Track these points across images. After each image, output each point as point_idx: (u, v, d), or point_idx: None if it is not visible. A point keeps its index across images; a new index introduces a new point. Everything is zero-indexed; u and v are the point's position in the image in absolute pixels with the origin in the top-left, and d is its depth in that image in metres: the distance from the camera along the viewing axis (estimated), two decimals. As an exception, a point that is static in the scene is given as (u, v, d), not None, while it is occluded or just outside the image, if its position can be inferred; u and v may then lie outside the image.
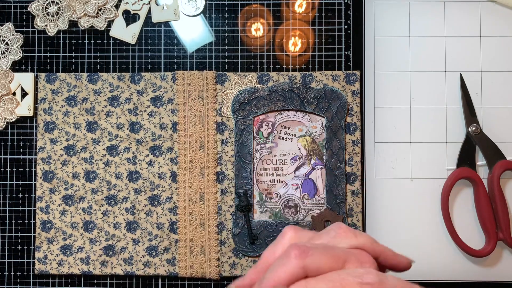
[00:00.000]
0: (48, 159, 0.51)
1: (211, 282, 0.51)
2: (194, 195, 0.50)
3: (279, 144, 0.51)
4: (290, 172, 0.50)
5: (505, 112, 0.51)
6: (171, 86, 0.51)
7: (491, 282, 0.50)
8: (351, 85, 0.50)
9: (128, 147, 0.51)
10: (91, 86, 0.52)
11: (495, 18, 0.52)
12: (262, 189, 0.50)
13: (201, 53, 0.52)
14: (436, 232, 0.50)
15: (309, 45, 0.52)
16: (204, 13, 0.53)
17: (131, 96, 0.51)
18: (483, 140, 0.50)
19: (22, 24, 0.53)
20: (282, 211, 0.50)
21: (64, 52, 0.53)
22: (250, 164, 0.50)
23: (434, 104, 0.51)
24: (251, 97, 0.50)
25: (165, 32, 0.53)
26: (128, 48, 0.53)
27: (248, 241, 0.49)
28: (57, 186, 0.51)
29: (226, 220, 0.50)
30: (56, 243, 0.51)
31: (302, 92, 0.50)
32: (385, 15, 0.52)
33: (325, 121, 0.50)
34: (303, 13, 0.52)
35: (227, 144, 0.51)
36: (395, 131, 0.51)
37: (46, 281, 0.51)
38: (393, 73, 0.52)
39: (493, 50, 0.51)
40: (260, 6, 0.53)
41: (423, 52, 0.51)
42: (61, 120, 0.51)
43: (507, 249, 0.50)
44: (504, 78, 0.51)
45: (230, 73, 0.51)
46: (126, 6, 0.52)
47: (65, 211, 0.51)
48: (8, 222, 0.52)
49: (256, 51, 0.52)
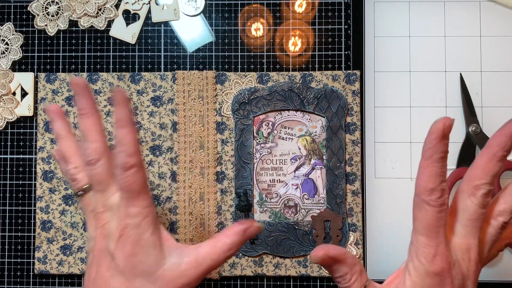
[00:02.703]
0: (48, 159, 0.51)
1: (211, 282, 0.51)
2: (194, 195, 0.50)
3: (279, 144, 0.51)
4: (290, 172, 0.50)
5: (505, 112, 0.51)
6: (171, 86, 0.51)
7: (491, 282, 0.50)
8: (351, 85, 0.50)
9: (128, 147, 0.51)
10: (91, 86, 0.52)
11: (495, 18, 0.52)
12: (262, 189, 0.50)
13: (201, 53, 0.52)
14: (436, 232, 0.50)
15: (309, 45, 0.52)
16: (204, 13, 0.53)
17: (131, 96, 0.51)
18: (483, 140, 0.50)
19: (22, 24, 0.53)
20: (282, 211, 0.50)
21: (64, 52, 0.53)
22: (250, 164, 0.50)
23: (434, 104, 0.51)
24: (251, 97, 0.50)
25: (165, 32, 0.53)
26: (128, 48, 0.53)
27: (248, 241, 0.49)
28: (57, 186, 0.51)
29: (226, 220, 0.50)
30: (56, 243, 0.51)
31: (302, 92, 0.50)
32: (385, 15, 0.52)
33: (325, 121, 0.50)
34: (303, 13, 0.52)
35: (227, 144, 0.51)
36: (395, 131, 0.51)
37: (46, 281, 0.51)
38: (393, 73, 0.52)
39: (493, 50, 0.51)
40: (260, 6, 0.53)
41: (423, 52, 0.52)
42: (61, 120, 0.51)
43: (507, 249, 0.50)
44: (504, 78, 0.51)
45: (230, 73, 0.51)
46: (126, 6, 0.52)
47: (65, 211, 0.51)
48: (8, 222, 0.52)
49: (256, 51, 0.52)
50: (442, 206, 0.28)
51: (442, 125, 0.27)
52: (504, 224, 0.31)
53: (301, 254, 0.49)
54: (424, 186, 0.28)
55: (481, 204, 0.29)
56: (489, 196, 0.29)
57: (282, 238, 0.49)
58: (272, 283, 0.50)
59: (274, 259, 0.50)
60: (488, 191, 0.29)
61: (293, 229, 0.49)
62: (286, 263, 0.50)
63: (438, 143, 0.28)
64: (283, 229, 0.49)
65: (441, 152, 0.28)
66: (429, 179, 0.28)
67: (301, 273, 0.50)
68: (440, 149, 0.28)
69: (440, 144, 0.28)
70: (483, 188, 0.29)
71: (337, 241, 0.49)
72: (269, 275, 0.50)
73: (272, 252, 0.49)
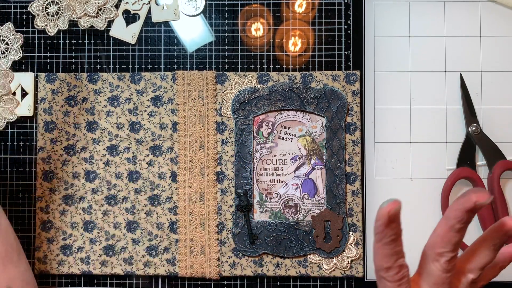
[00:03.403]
0: (48, 159, 0.51)
1: (211, 282, 0.51)
2: (194, 195, 0.50)
3: (279, 144, 0.51)
4: (290, 172, 0.50)
5: (505, 112, 0.51)
6: (171, 86, 0.51)
7: (491, 282, 0.50)
8: (351, 85, 0.50)
9: (128, 147, 0.51)
10: (91, 86, 0.52)
11: (495, 18, 0.52)
12: (262, 189, 0.50)
13: (201, 53, 0.52)
14: (436, 232, 0.50)
15: (309, 45, 0.52)
16: (204, 13, 0.53)
17: (131, 96, 0.51)
18: (483, 140, 0.50)
19: (22, 24, 0.53)
20: (282, 211, 0.50)
21: (64, 52, 0.53)
22: (250, 164, 0.50)
23: (434, 104, 0.51)
24: (251, 97, 0.50)
25: (165, 32, 0.53)
26: (128, 48, 0.53)
27: (248, 241, 0.49)
28: (57, 186, 0.51)
29: (226, 220, 0.50)
30: (56, 243, 0.51)
31: (302, 92, 0.50)
32: (385, 15, 0.52)
33: (325, 121, 0.50)
34: (303, 13, 0.52)
35: (227, 144, 0.51)
36: (395, 131, 0.51)
37: (46, 281, 0.51)
38: (393, 73, 0.51)
39: (493, 50, 0.51)
40: (260, 6, 0.53)
41: (423, 52, 0.51)
42: (61, 120, 0.51)
43: (507, 249, 0.50)
44: (504, 78, 0.51)
45: (230, 73, 0.51)
46: (126, 6, 0.52)
47: (65, 211, 0.51)
48: (8, 222, 0.52)
49: (256, 51, 0.52)
50: (401, 280, 0.29)
51: (387, 212, 0.27)
52: (474, 280, 0.31)
53: (301, 254, 0.49)
54: (380, 265, 0.29)
55: (445, 270, 0.29)
56: (452, 262, 0.29)
57: (282, 238, 0.49)
58: (272, 283, 0.50)
59: (274, 259, 0.50)
60: (450, 258, 0.29)
61: (293, 229, 0.49)
62: (286, 263, 0.50)
63: (385, 229, 0.28)
64: (283, 229, 0.49)
65: (390, 236, 0.28)
66: (383, 259, 0.29)
67: (301, 273, 0.50)
68: (388, 233, 0.28)
69: (388, 229, 0.28)
70: (445, 256, 0.29)
71: (337, 241, 0.49)
72: (269, 275, 0.50)
73: (272, 252, 0.49)
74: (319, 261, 0.49)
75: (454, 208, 0.28)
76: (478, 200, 0.27)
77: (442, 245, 0.29)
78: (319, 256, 0.49)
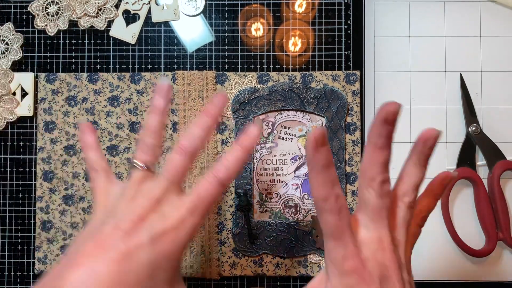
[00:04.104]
0: (48, 159, 0.51)
1: (211, 282, 0.51)
2: (194, 195, 0.50)
3: (279, 144, 0.51)
4: (290, 172, 0.50)
5: (505, 112, 0.51)
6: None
7: (491, 282, 0.50)
8: (351, 85, 0.50)
9: (128, 147, 0.51)
10: (91, 86, 0.52)
11: (495, 18, 0.52)
12: (262, 189, 0.50)
13: (201, 53, 0.52)
14: (436, 232, 0.50)
15: (309, 45, 0.52)
16: (204, 13, 0.53)
17: (131, 96, 0.51)
18: (483, 140, 0.50)
19: (22, 24, 0.53)
20: (282, 211, 0.50)
21: (64, 52, 0.53)
22: (250, 164, 0.50)
23: (434, 104, 0.51)
24: (251, 97, 0.50)
25: (165, 32, 0.53)
26: (128, 48, 0.53)
27: (248, 241, 0.49)
28: (57, 186, 0.51)
29: (226, 220, 0.50)
30: (56, 243, 0.51)
31: (302, 92, 0.50)
32: (385, 15, 0.52)
33: (325, 121, 0.50)
34: (303, 13, 0.52)
35: (227, 144, 0.51)
36: (395, 131, 0.51)
37: (46, 281, 0.51)
38: (393, 73, 0.52)
39: (493, 50, 0.51)
40: (260, 6, 0.53)
41: (423, 52, 0.52)
42: (61, 120, 0.51)
43: (507, 249, 0.50)
44: (504, 78, 0.51)
45: (230, 73, 0.51)
46: (126, 6, 0.52)
47: (65, 211, 0.51)
48: (8, 222, 0.52)
49: (256, 51, 0.52)
50: (341, 210, 0.28)
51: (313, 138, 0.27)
52: (411, 204, 0.31)
53: (301, 254, 0.49)
54: (318, 196, 0.28)
55: (379, 194, 0.29)
56: (385, 184, 0.29)
57: (282, 238, 0.49)
58: (272, 283, 0.50)
59: (274, 259, 0.50)
60: (382, 180, 0.29)
61: (293, 229, 0.49)
62: (286, 263, 0.50)
63: (316, 154, 0.27)
64: (283, 229, 0.49)
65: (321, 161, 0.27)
66: (319, 188, 0.28)
67: (301, 273, 0.50)
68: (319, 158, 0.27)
69: (318, 154, 0.27)
70: (376, 179, 0.29)
71: (337, 241, 0.49)
72: (269, 275, 0.50)
73: (272, 252, 0.49)
74: (319, 261, 0.49)
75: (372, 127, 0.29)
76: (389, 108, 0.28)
77: (370, 167, 0.29)
78: (319, 256, 0.49)
